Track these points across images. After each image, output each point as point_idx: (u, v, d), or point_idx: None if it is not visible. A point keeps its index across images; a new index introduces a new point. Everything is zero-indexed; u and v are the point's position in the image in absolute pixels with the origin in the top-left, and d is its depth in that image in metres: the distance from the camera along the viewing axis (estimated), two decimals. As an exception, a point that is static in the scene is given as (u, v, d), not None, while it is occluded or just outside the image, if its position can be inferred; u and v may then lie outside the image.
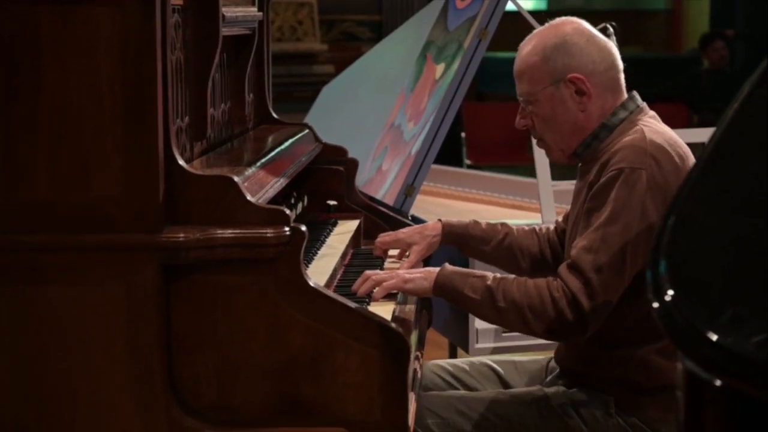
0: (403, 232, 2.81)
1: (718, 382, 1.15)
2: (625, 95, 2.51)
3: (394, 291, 2.50)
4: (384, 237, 2.83)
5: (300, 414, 2.02)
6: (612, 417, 2.49)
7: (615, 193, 2.34)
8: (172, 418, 1.98)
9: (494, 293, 2.39)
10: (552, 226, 2.78)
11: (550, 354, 2.76)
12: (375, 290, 2.47)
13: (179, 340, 2.01)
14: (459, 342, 3.27)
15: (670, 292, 1.23)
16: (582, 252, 2.36)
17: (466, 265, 2.92)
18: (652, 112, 2.53)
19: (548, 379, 2.68)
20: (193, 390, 2.01)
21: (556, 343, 2.88)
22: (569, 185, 3.76)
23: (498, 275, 2.44)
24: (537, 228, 2.78)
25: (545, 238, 2.76)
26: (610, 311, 2.37)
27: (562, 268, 2.38)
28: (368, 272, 2.50)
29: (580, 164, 2.56)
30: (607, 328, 2.45)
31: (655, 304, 1.23)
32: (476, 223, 2.78)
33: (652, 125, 2.46)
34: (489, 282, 2.40)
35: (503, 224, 2.79)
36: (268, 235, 1.98)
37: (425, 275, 2.47)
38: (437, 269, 2.47)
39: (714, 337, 1.13)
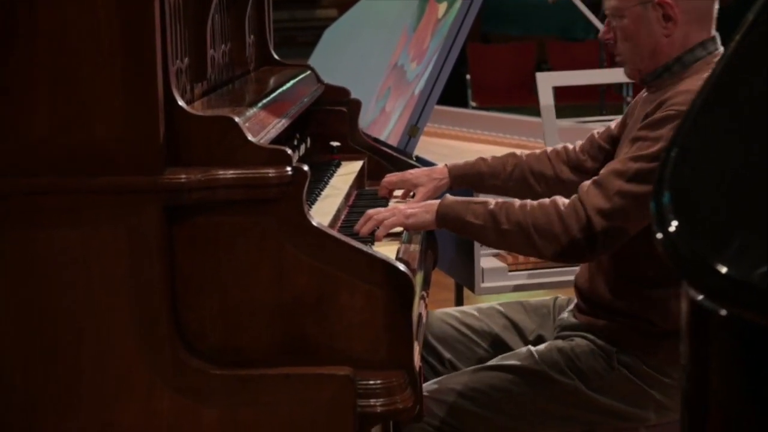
0: (410, 173, 2.80)
1: (723, 312, 1.14)
2: (712, 33, 2.46)
3: (397, 229, 2.49)
4: (390, 177, 2.82)
5: (305, 354, 2.02)
6: (614, 370, 2.49)
7: (665, 132, 2.32)
8: (177, 359, 1.98)
9: (497, 216, 2.37)
10: (571, 146, 2.75)
11: (558, 293, 2.77)
12: (378, 230, 2.46)
13: (183, 282, 2.01)
14: (465, 281, 3.27)
15: (674, 223, 1.22)
16: (612, 174, 2.33)
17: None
18: None
19: (563, 314, 2.66)
20: (199, 331, 2.01)
21: (562, 281, 2.88)
22: (573, 124, 3.75)
23: (500, 199, 2.43)
24: (549, 151, 2.76)
25: (562, 158, 2.73)
26: (623, 243, 2.33)
27: (586, 184, 2.36)
28: (370, 211, 2.49)
29: (645, 88, 2.53)
30: (635, 263, 2.43)
31: (659, 235, 1.22)
32: (482, 159, 2.77)
33: None
34: (491, 206, 2.39)
35: (511, 154, 2.78)
36: (270, 175, 1.97)
37: (426, 208, 2.46)
38: (438, 201, 2.46)
39: (719, 266, 1.12)
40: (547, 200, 2.36)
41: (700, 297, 1.16)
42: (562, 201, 2.34)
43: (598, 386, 2.49)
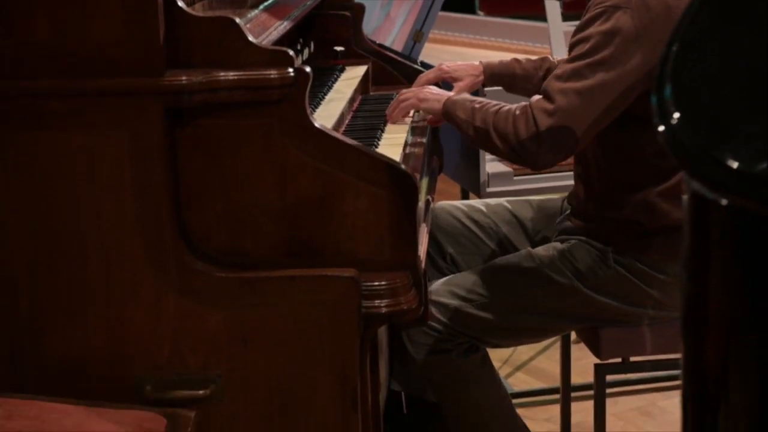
0: (447, 65, 2.80)
1: (724, 202, 1.13)
2: None
3: (411, 109, 2.62)
4: (427, 73, 2.82)
5: (310, 256, 2.02)
6: (610, 268, 2.51)
7: (595, 29, 2.33)
8: (182, 262, 1.98)
9: (475, 114, 2.43)
10: None
11: (564, 194, 2.77)
12: (394, 112, 2.59)
13: (187, 186, 2.01)
14: (471, 187, 3.26)
15: (676, 115, 1.21)
16: (552, 79, 2.38)
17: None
18: None
19: (559, 219, 2.68)
20: (203, 234, 2.02)
21: (568, 185, 2.88)
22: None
23: (494, 102, 2.45)
24: None
25: None
26: (577, 143, 2.35)
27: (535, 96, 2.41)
28: (399, 96, 2.60)
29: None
30: (613, 169, 2.46)
31: (661, 128, 1.21)
32: (517, 61, 2.78)
33: None
34: (477, 104, 2.44)
35: (544, 58, 2.79)
36: (272, 76, 1.96)
37: (439, 98, 2.54)
38: (451, 93, 2.49)
39: (721, 156, 1.12)
40: (515, 105, 2.40)
41: (702, 188, 1.16)
42: (521, 106, 2.38)
43: (596, 285, 2.51)
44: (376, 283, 2.00)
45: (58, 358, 2.02)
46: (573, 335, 3.06)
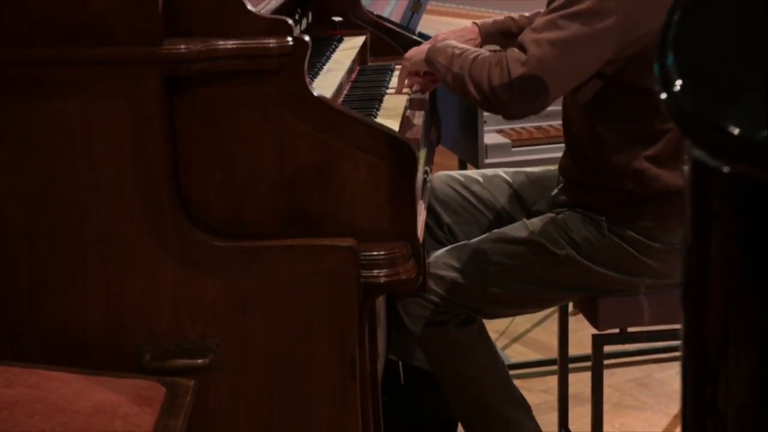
0: (442, 35, 2.79)
1: (726, 169, 1.13)
2: None
3: (407, 76, 2.63)
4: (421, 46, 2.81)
5: (309, 225, 2.02)
6: (605, 237, 2.51)
7: None
8: (181, 231, 1.98)
9: (454, 60, 2.44)
10: None
11: (561, 167, 2.77)
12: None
13: (186, 156, 2.00)
14: (469, 158, 3.26)
15: (678, 82, 1.21)
16: (528, 30, 2.40)
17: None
18: None
19: (554, 192, 2.68)
20: (202, 204, 2.01)
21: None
22: None
23: (474, 49, 2.46)
24: None
25: None
26: (550, 95, 2.36)
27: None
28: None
29: None
30: (599, 137, 2.47)
31: (663, 96, 1.21)
32: (512, 19, 2.78)
33: None
34: (457, 51, 2.46)
35: (537, 13, 2.77)
36: (271, 45, 1.95)
37: (423, 48, 2.57)
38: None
39: (723, 123, 1.11)
40: (495, 54, 2.42)
41: (704, 156, 1.15)
42: (497, 55, 2.41)
43: (592, 254, 2.51)
44: (375, 253, 2.00)
45: (58, 327, 2.02)
46: (570, 307, 3.07)
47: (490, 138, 3.10)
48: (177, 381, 1.91)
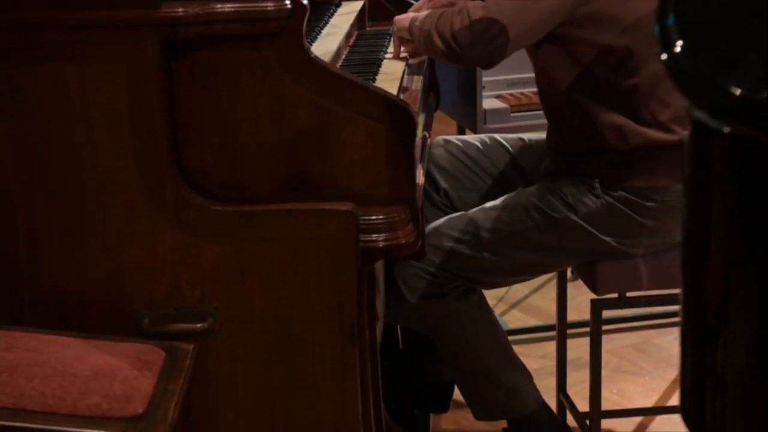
0: (432, 3, 2.77)
1: (726, 130, 1.13)
2: None
3: (400, 45, 2.65)
4: (418, 5, 2.80)
5: (308, 190, 2.02)
6: (599, 197, 2.52)
7: None
8: (179, 195, 1.98)
9: (426, 19, 2.47)
10: None
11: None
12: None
13: (184, 120, 1.99)
14: (467, 123, 3.26)
15: (679, 43, 1.20)
16: None
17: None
18: None
19: (545, 163, 2.68)
20: (200, 168, 2.01)
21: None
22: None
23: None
24: None
25: None
26: (510, 42, 2.37)
27: None
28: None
29: None
30: (574, 99, 2.47)
31: (664, 56, 1.20)
32: None
33: None
34: (431, 12, 2.50)
35: None
36: (269, 8, 1.94)
37: (408, 16, 2.59)
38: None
39: (724, 83, 1.11)
40: (459, 4, 2.46)
41: (704, 116, 1.15)
42: (460, 5, 2.43)
43: (588, 216, 2.52)
44: (374, 218, 2.00)
45: (57, 291, 2.02)
46: (569, 273, 3.07)
47: (489, 103, 3.10)
48: (176, 345, 1.92)
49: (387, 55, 2.66)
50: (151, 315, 2.02)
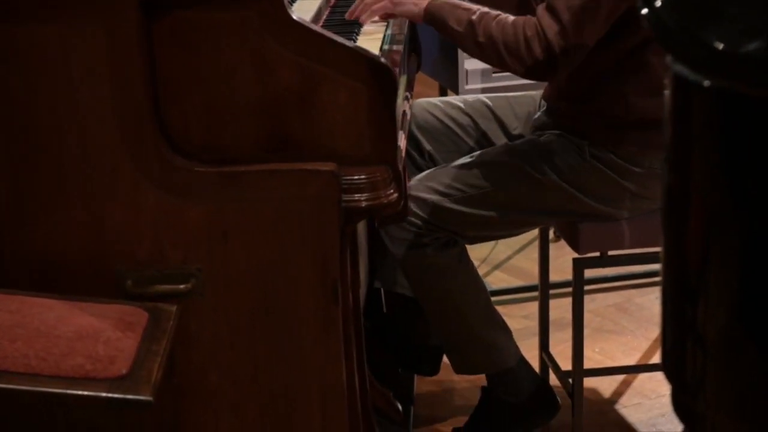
0: None
1: (707, 83, 1.13)
2: None
3: (382, 13, 2.53)
4: None
5: (290, 151, 2.01)
6: (586, 161, 2.53)
7: None
8: (161, 156, 1.97)
9: (476, 28, 2.41)
10: None
11: (541, 90, 2.76)
12: (357, 11, 2.50)
13: (165, 81, 1.99)
14: (449, 84, 3.25)
15: (660, -2, 1.20)
16: None
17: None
18: None
19: (537, 115, 2.68)
20: (182, 129, 2.00)
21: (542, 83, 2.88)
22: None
23: (484, 9, 2.43)
24: None
25: None
26: (586, 52, 2.37)
27: (540, 8, 2.40)
28: None
29: None
30: (585, 63, 2.46)
31: (644, 11, 1.21)
32: None
33: None
34: (473, 16, 2.43)
35: None
36: (250, -33, 1.93)
37: (416, 1, 2.47)
38: None
39: (705, 37, 1.11)
40: (520, 20, 2.41)
41: (685, 70, 1.15)
42: (530, 24, 2.36)
43: (572, 178, 2.53)
44: (356, 177, 2.00)
45: (39, 253, 2.02)
46: (551, 234, 3.07)
47: (471, 63, 3.09)
48: (159, 306, 1.92)
49: None
50: (134, 276, 2.02)
